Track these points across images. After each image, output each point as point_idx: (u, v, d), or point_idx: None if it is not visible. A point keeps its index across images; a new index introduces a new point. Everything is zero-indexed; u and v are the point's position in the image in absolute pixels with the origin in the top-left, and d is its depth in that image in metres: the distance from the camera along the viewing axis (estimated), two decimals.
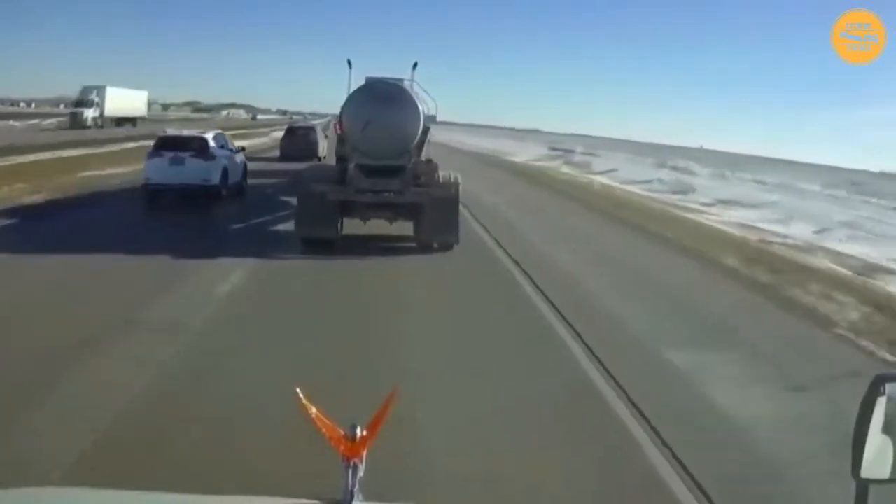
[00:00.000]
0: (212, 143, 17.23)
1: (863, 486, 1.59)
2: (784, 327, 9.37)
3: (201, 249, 11.99)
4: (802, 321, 9.59)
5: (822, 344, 8.70)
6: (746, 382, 6.98)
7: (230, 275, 10.18)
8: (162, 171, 16.38)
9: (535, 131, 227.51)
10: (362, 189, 12.71)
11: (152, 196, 16.42)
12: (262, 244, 12.72)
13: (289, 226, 13.50)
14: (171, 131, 19.45)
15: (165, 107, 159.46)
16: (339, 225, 12.92)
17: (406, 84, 14.24)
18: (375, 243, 13.14)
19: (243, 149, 19.90)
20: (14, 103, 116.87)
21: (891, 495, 1.72)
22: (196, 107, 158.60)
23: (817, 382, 7.15)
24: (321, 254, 11.97)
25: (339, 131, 14.52)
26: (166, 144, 17.05)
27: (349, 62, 15.10)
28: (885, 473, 1.57)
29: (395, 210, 12.96)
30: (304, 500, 1.64)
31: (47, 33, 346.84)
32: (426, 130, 13.42)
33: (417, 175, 13.03)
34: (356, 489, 1.57)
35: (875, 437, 1.55)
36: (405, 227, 13.23)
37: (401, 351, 7.32)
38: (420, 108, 13.21)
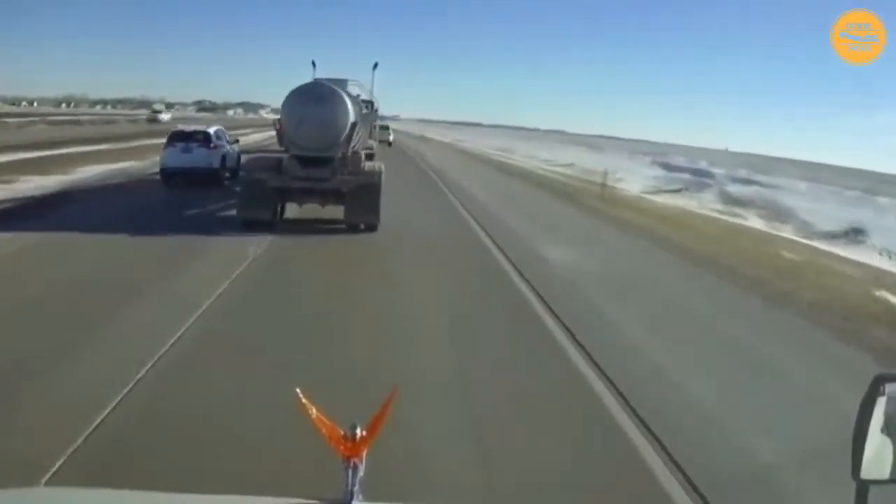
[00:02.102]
0: (213, 136, 21.15)
1: (863, 487, 1.58)
2: None
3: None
4: None
5: None
6: None
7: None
8: (175, 157, 20.36)
9: (561, 132, 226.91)
10: (296, 177, 14.42)
11: (168, 177, 20.30)
12: None
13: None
14: (182, 127, 23.39)
15: (169, 106, 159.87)
16: (277, 209, 14.63)
17: (351, 85, 17.25)
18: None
19: (237, 141, 24.11)
20: (15, 102, 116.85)
21: (891, 496, 1.72)
22: (202, 106, 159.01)
23: None
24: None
25: (278, 127, 16.02)
26: (178, 137, 20.98)
27: (313, 63, 17.97)
28: (884, 474, 1.56)
29: (324, 195, 14.67)
30: (303, 501, 1.64)
31: (55, 32, 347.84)
32: (354, 126, 14.96)
33: (345, 165, 14.70)
34: (356, 489, 1.58)
35: (875, 437, 1.55)
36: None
37: None
38: (350, 106, 14.87)
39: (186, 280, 9.83)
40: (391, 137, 55.45)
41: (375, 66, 20.86)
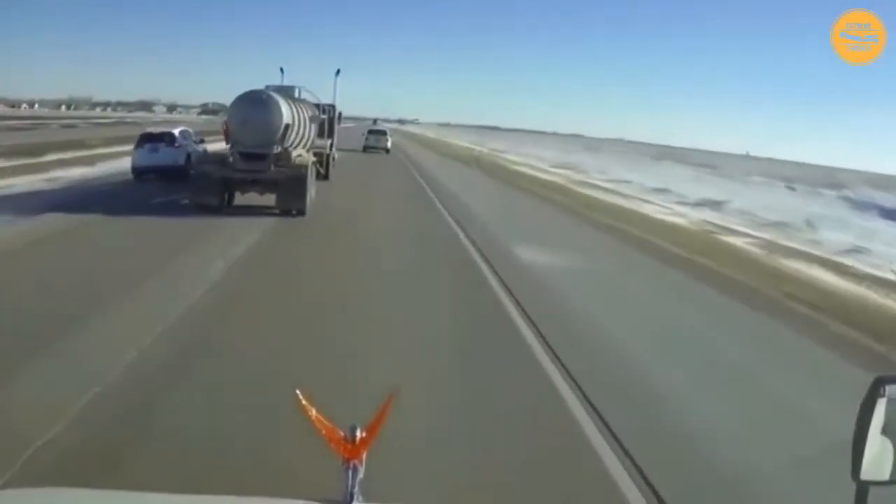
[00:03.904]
0: (178, 137, 22.98)
1: (862, 488, 1.58)
2: None
3: None
4: None
5: None
6: None
7: None
8: (144, 157, 22.11)
9: (579, 136, 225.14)
10: (238, 169, 16.92)
11: (139, 174, 21.98)
12: None
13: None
14: (150, 129, 25.16)
15: (171, 108, 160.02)
16: (224, 196, 16.99)
17: (304, 92, 22.35)
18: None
19: (203, 140, 25.43)
20: (15, 105, 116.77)
21: (891, 497, 1.72)
22: (206, 109, 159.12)
23: None
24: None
25: (225, 128, 18.28)
26: (146, 138, 22.78)
27: (281, 69, 24.15)
28: (884, 475, 1.56)
29: (262, 185, 17.04)
30: (303, 502, 1.64)
31: (61, 33, 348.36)
32: (287, 127, 17.25)
33: (279, 159, 16.99)
34: (356, 490, 1.58)
35: (875, 438, 1.55)
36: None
37: None
38: (284, 110, 17.21)
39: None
40: (388, 144, 49.16)
41: (338, 72, 26.69)
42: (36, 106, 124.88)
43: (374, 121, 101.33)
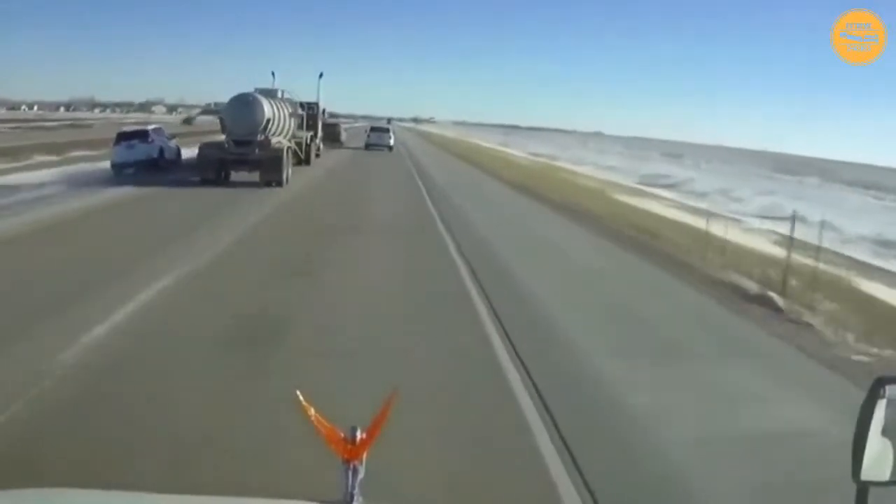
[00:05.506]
0: (151, 133, 25.93)
1: (863, 489, 1.58)
2: None
3: None
4: None
5: None
6: None
7: None
8: (121, 153, 24.62)
9: (599, 134, 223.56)
10: (231, 153, 22.01)
11: (118, 169, 24.03)
12: None
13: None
14: (126, 128, 28.08)
15: (171, 109, 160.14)
16: (220, 173, 21.99)
17: (287, 93, 26.89)
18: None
19: (174, 137, 28.94)
20: (14, 106, 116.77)
21: (891, 498, 1.72)
22: (206, 109, 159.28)
23: None
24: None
25: (221, 121, 24.18)
26: (123, 137, 25.46)
27: (273, 73, 29.15)
28: (884, 476, 1.56)
29: (248, 164, 21.76)
30: (303, 502, 1.64)
31: (65, 35, 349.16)
32: (269, 120, 22.29)
33: (261, 144, 21.82)
34: (356, 491, 1.58)
35: (875, 439, 1.54)
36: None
37: None
38: (265, 108, 22.27)
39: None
40: (391, 141, 45.56)
41: (321, 75, 34.80)
42: (35, 108, 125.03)
43: (388, 120, 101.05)
